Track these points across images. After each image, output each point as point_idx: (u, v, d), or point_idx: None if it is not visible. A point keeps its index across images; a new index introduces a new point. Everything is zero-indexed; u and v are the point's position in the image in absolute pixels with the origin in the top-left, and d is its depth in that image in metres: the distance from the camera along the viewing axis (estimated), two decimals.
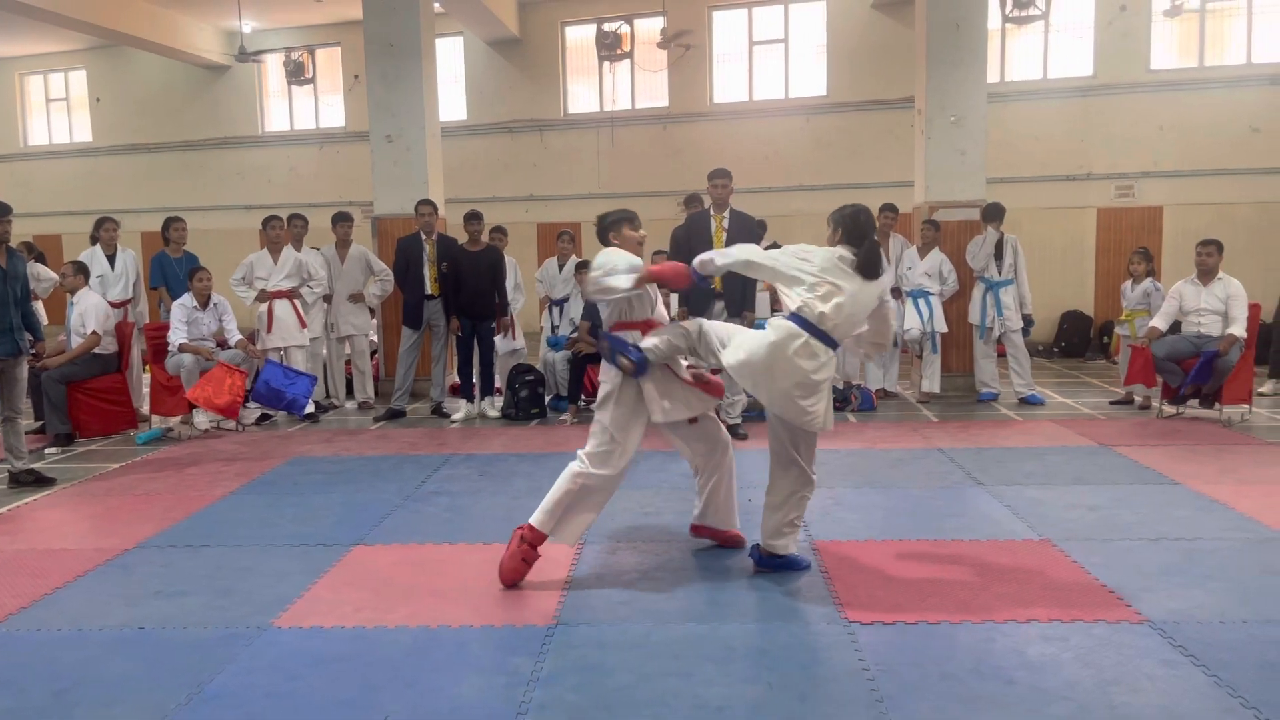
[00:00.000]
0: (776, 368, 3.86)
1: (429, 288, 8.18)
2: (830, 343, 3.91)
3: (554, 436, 7.34)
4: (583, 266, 8.58)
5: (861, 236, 4.01)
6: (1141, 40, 12.07)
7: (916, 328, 8.38)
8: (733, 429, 7.11)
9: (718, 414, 7.30)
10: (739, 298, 6.98)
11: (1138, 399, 8.03)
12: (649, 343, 4.05)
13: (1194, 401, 7.38)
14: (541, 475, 6.03)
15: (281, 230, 8.22)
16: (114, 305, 8.01)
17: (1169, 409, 7.57)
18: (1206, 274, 7.36)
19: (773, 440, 4.17)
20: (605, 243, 4.32)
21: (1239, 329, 7.08)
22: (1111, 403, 8.26)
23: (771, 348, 3.87)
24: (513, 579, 4.03)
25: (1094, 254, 12.36)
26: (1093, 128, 12.19)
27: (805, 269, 3.94)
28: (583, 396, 8.40)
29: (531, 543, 4.06)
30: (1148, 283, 8.11)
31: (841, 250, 4.00)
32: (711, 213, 7.02)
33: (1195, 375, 7.09)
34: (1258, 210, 11.43)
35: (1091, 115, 12.20)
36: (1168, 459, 6.08)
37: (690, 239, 6.99)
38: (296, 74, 14.49)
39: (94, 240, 8.38)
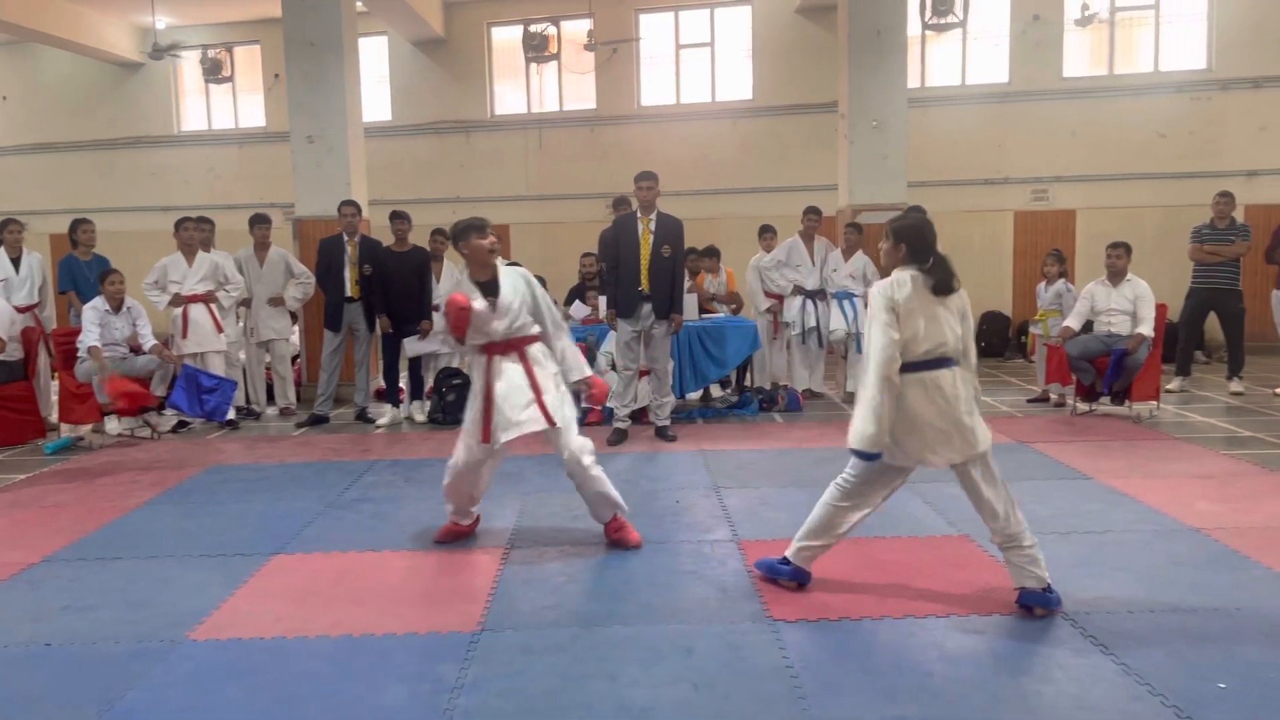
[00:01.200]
0: (921, 420, 3.65)
1: (349, 290, 8.04)
2: (947, 362, 3.68)
3: None
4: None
5: (928, 251, 3.66)
6: (1054, 48, 12.43)
7: (841, 329, 8.49)
8: (662, 430, 7.15)
9: (645, 415, 7.37)
10: (667, 299, 6.97)
11: (1053, 397, 8.27)
12: None
13: (1106, 399, 7.63)
14: None
15: (195, 233, 8.01)
16: (20, 310, 7.73)
17: (1082, 406, 7.80)
18: (1116, 275, 7.61)
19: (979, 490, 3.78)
20: (460, 252, 4.46)
21: (1147, 328, 7.33)
22: (1029, 400, 8.49)
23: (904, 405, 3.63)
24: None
25: (1012, 256, 12.69)
26: (1009, 133, 12.52)
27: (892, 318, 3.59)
28: None
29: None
30: (1060, 284, 8.36)
31: (910, 272, 3.65)
32: (639, 215, 7.01)
33: (1110, 376, 7.32)
34: (1165, 214, 11.84)
35: (1008, 121, 12.52)
36: (1080, 455, 6.27)
37: (618, 241, 7.02)
38: (214, 72, 14.11)
39: None
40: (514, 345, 4.47)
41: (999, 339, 12.32)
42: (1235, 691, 2.97)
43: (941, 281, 3.64)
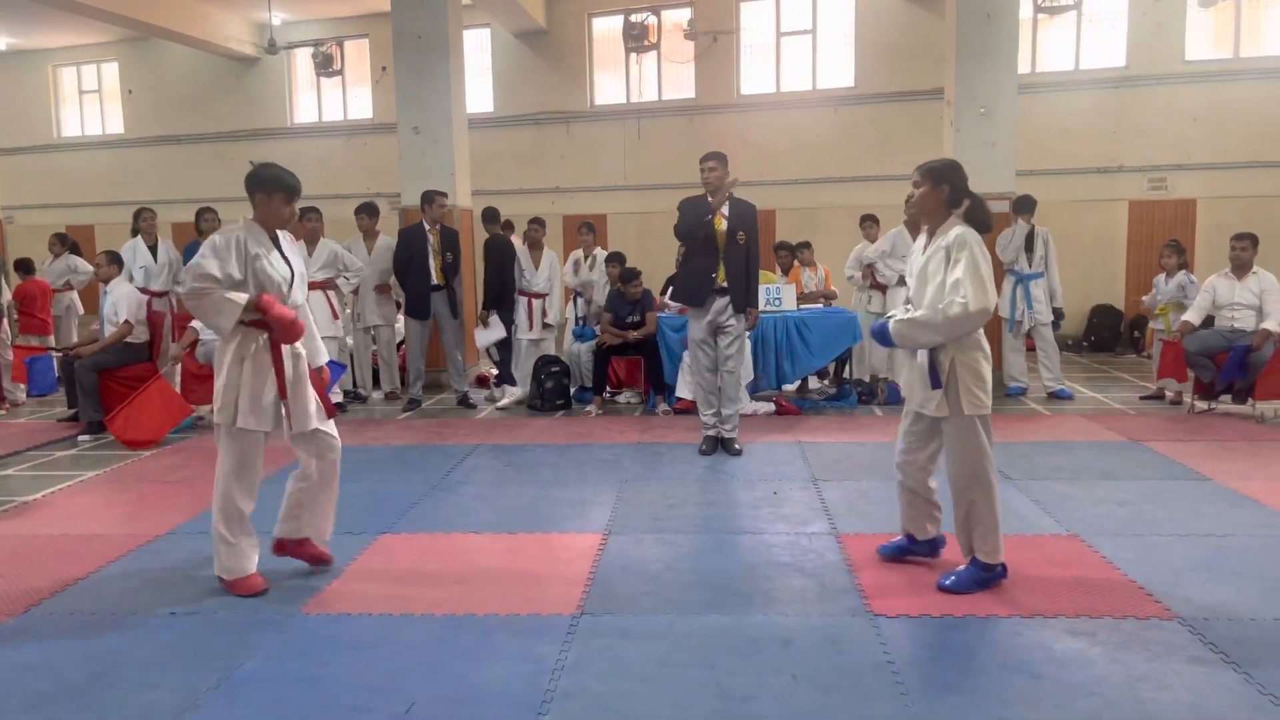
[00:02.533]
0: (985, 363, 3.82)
1: (435, 278, 8.19)
2: None
3: (578, 428, 7.36)
4: (612, 259, 8.60)
5: (967, 190, 3.79)
6: (1176, 30, 11.90)
7: None
8: (727, 444, 6.43)
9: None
10: (744, 292, 6.27)
11: (1169, 394, 7.94)
12: None
13: (1226, 397, 7.29)
14: (566, 466, 6.07)
15: (318, 222, 8.28)
16: (157, 295, 8.20)
17: (1200, 404, 7.48)
18: (1241, 268, 7.26)
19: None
20: (251, 200, 3.96)
21: (1273, 323, 6.99)
22: (1142, 398, 8.18)
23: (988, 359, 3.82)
24: None
25: (1125, 247, 12.22)
26: (1125, 119, 12.04)
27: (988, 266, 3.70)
28: (608, 388, 8.42)
29: None
30: (1181, 275, 8.01)
31: (958, 224, 3.76)
32: (710, 198, 6.28)
33: (1227, 371, 7.01)
34: None
35: (1123, 107, 12.04)
36: (1199, 454, 6.01)
37: (686, 222, 6.33)
38: (325, 66, 14.58)
39: (135, 232, 8.52)
40: None
41: (1110, 333, 11.89)
42: None
43: (984, 222, 3.74)
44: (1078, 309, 11.86)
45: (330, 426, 4.13)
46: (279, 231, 4.01)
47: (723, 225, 6.24)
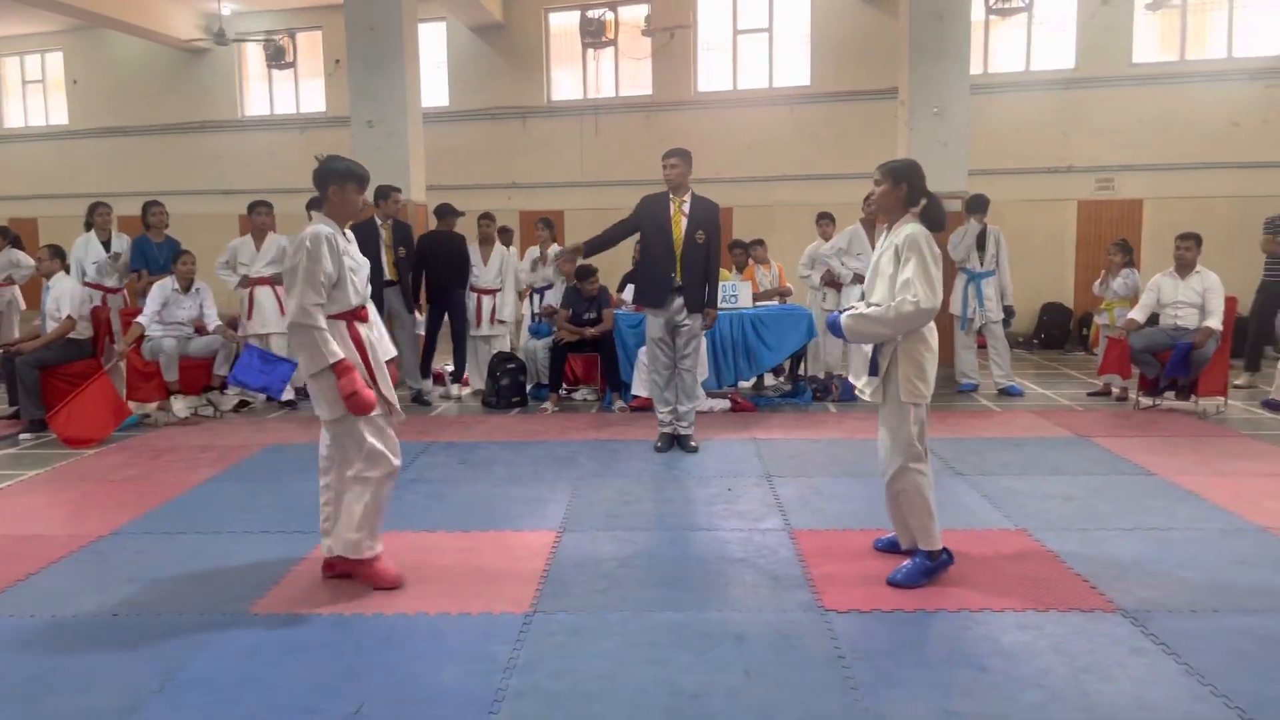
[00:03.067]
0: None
1: (387, 273, 8.08)
2: None
3: (534, 425, 7.33)
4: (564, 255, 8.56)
5: (925, 189, 3.89)
6: (1123, 33, 12.12)
7: None
8: (683, 440, 6.44)
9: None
10: (700, 291, 6.27)
11: (1115, 390, 8.09)
12: None
13: (1170, 393, 7.45)
14: (521, 463, 6.04)
15: (267, 216, 8.16)
16: (111, 291, 8.04)
17: (1146, 400, 7.63)
18: (1185, 267, 7.42)
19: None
20: (322, 194, 3.93)
21: (1215, 321, 7.14)
22: (1089, 394, 8.33)
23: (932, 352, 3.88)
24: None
25: (1074, 246, 12.43)
26: (1074, 120, 12.24)
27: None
28: (564, 385, 8.40)
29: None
30: (1125, 272, 8.16)
31: (911, 222, 3.86)
32: (670, 196, 6.30)
33: (1171, 368, 7.15)
34: (1236, 205, 11.51)
35: (1073, 108, 12.24)
36: (1144, 450, 6.13)
37: (642, 222, 6.35)
38: (277, 58, 14.37)
39: (88, 226, 8.32)
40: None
41: (1060, 331, 12.09)
42: None
43: (939, 221, 3.87)
44: (1028, 307, 12.04)
45: None
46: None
47: (683, 224, 6.22)
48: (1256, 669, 3.07)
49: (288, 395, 8.09)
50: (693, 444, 6.40)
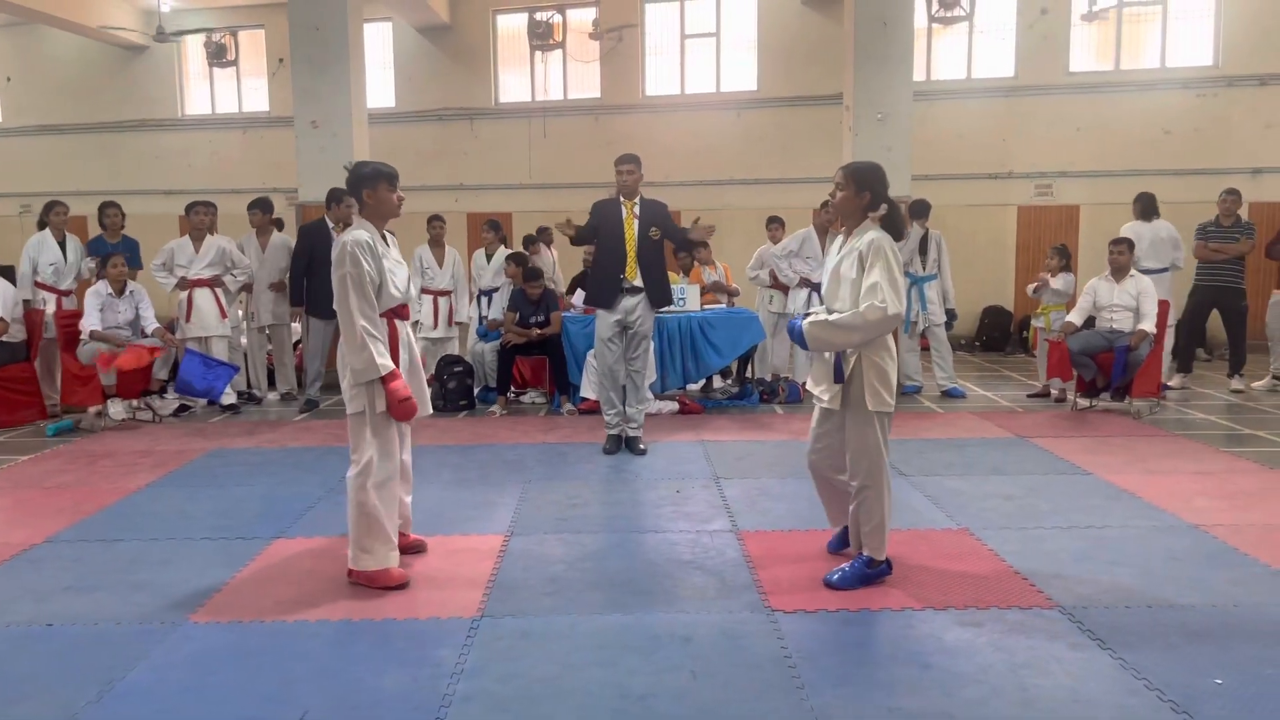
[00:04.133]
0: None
1: None
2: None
3: (482, 429, 7.29)
4: (513, 258, 8.54)
5: (886, 195, 3.87)
6: (1061, 43, 12.39)
7: None
8: (632, 442, 6.48)
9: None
10: (659, 288, 6.43)
11: (1054, 392, 8.27)
12: None
13: (1106, 395, 7.64)
14: (469, 467, 6.01)
15: (205, 216, 8.01)
16: (65, 294, 7.82)
17: (1083, 402, 7.81)
18: (1119, 271, 7.61)
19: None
20: (359, 199, 3.98)
21: (1149, 324, 7.33)
22: (1029, 395, 8.50)
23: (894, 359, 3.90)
24: None
25: (1014, 250, 12.68)
26: (1014, 127, 12.49)
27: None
28: (512, 388, 8.36)
29: None
30: (1062, 276, 8.35)
31: (873, 228, 3.84)
32: (621, 200, 6.49)
33: (1116, 373, 7.32)
34: (1169, 211, 11.68)
35: (1013, 115, 12.49)
36: (1080, 450, 6.28)
37: (599, 227, 6.46)
38: (218, 56, 14.10)
39: (42, 225, 8.08)
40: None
41: (1001, 333, 12.32)
42: (1232, 688, 2.98)
43: (899, 228, 3.87)
44: (970, 310, 12.24)
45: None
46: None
47: (635, 226, 6.33)
48: (1187, 663, 3.16)
49: (229, 399, 7.96)
50: (641, 446, 6.43)
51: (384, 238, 4.02)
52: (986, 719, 2.83)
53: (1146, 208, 8.90)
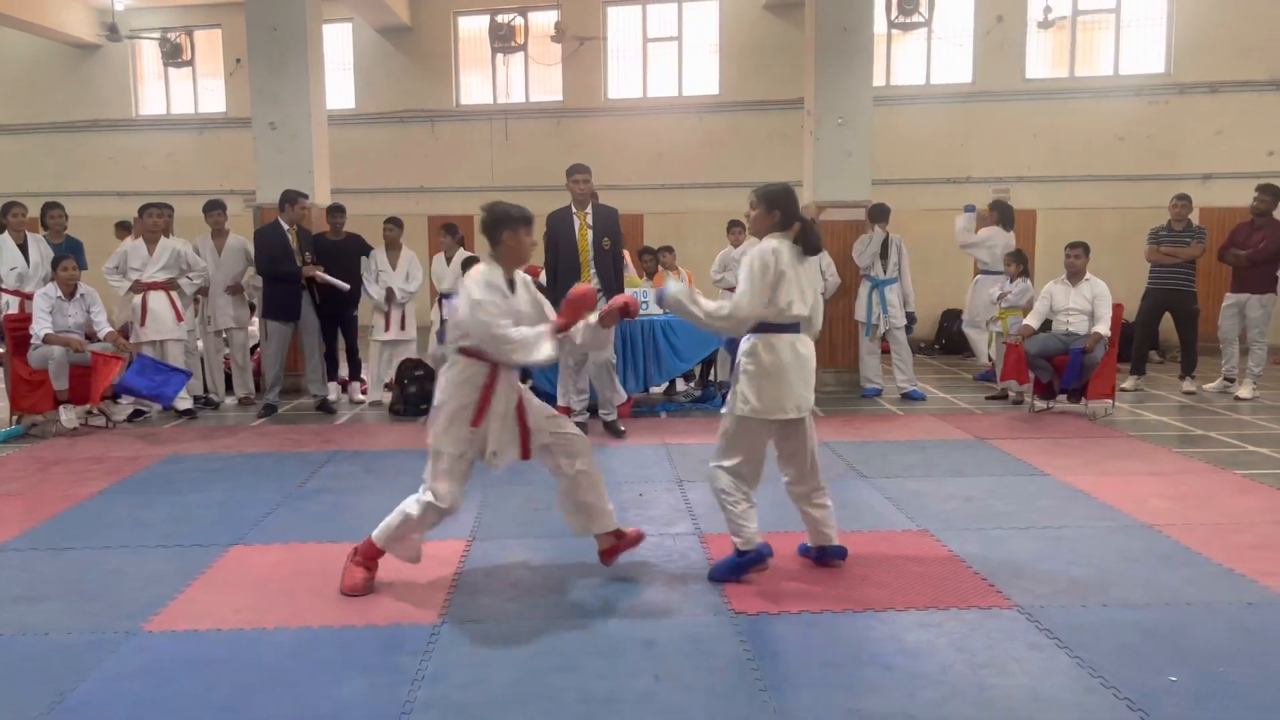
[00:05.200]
0: (788, 377, 3.93)
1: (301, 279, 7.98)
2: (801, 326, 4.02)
3: None
4: (470, 262, 8.49)
5: (798, 214, 3.99)
6: (1017, 50, 12.58)
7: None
8: (611, 425, 7.09)
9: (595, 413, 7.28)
10: (614, 292, 6.69)
11: (1011, 394, 8.38)
12: None
13: (1063, 396, 7.75)
14: None
15: (158, 219, 7.88)
16: (28, 297, 7.55)
17: (1040, 404, 7.91)
18: (1075, 275, 7.72)
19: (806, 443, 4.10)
20: (494, 240, 3.90)
21: (1104, 327, 7.45)
22: (988, 398, 8.60)
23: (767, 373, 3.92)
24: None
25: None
26: (972, 133, 12.65)
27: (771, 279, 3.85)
28: None
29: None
30: (1020, 281, 8.47)
31: (784, 240, 3.92)
32: (574, 210, 6.82)
33: (1069, 375, 7.43)
34: (1122, 216, 12.04)
35: (971, 120, 12.65)
36: (1037, 451, 6.36)
37: (556, 239, 6.83)
38: (174, 56, 13.92)
39: (0, 228, 7.84)
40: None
41: (960, 336, 12.43)
42: (1185, 685, 3.03)
43: (812, 243, 3.96)
44: (929, 313, 12.38)
45: (566, 428, 4.12)
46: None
47: (589, 235, 6.61)
48: (1143, 661, 3.21)
49: (185, 404, 7.83)
50: (621, 428, 6.89)
51: (510, 283, 3.88)
52: (947, 719, 2.85)
53: (1004, 216, 9.10)
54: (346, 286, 8.09)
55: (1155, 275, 8.89)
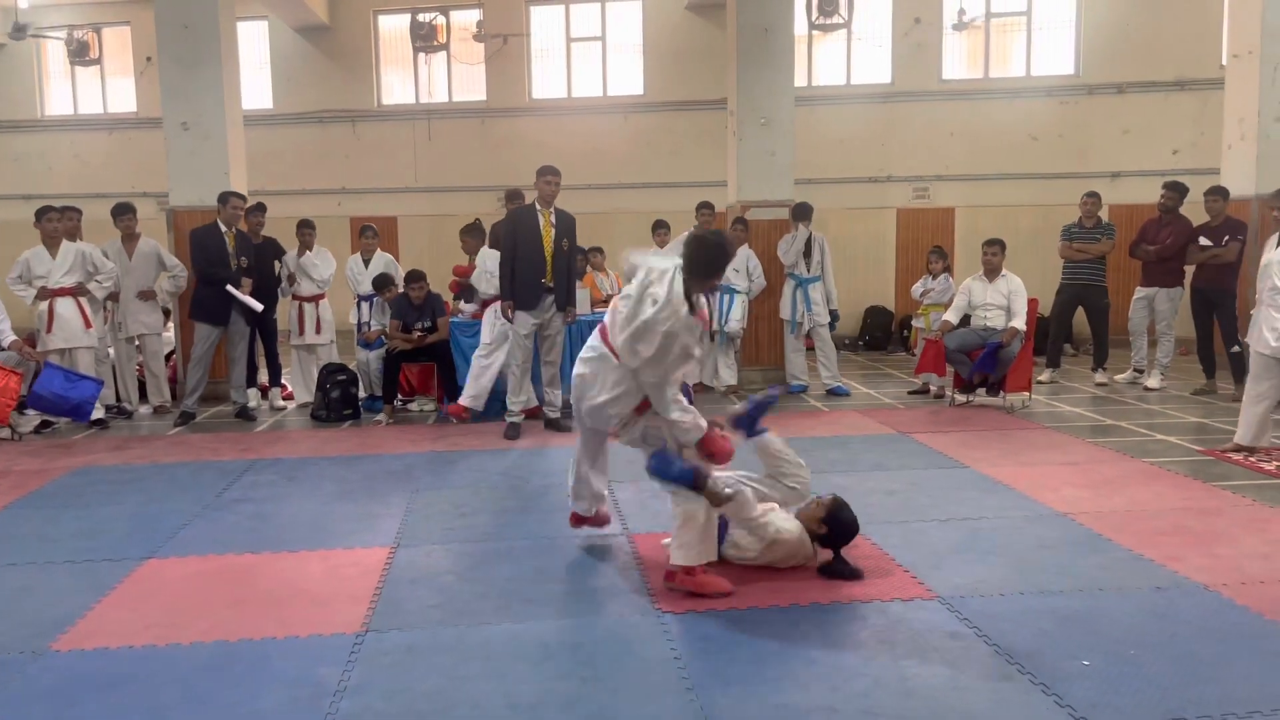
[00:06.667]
0: None
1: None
2: None
3: (367, 438, 7.12)
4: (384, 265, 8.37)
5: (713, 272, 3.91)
6: (934, 51, 12.84)
7: (738, 322, 8.62)
8: (554, 422, 7.19)
9: (537, 411, 7.33)
10: (565, 292, 7.10)
11: (933, 388, 8.55)
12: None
13: (982, 390, 7.93)
14: (353, 478, 5.85)
15: (58, 223, 7.60)
16: None
17: (960, 397, 8.09)
18: (992, 271, 7.91)
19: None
20: (693, 267, 3.79)
21: (1019, 322, 7.64)
22: (910, 392, 8.76)
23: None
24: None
25: (894, 251, 13.06)
26: (892, 132, 12.87)
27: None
28: (399, 396, 8.19)
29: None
30: (942, 277, 8.66)
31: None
32: (539, 208, 6.98)
33: (980, 364, 7.62)
34: (1037, 213, 12.36)
35: (891, 121, 12.87)
36: (957, 444, 6.50)
37: (516, 234, 6.94)
38: (80, 54, 13.42)
39: None
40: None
41: (882, 333, 12.68)
42: (1098, 669, 3.12)
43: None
44: (852, 310, 12.56)
45: None
46: None
47: (552, 234, 6.91)
48: (1057, 646, 3.30)
49: (98, 413, 7.57)
50: (565, 424, 6.94)
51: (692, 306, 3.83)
52: (870, 710, 2.89)
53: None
54: (260, 308, 7.88)
55: (1068, 271, 9.15)
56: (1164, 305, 8.78)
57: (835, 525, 4.02)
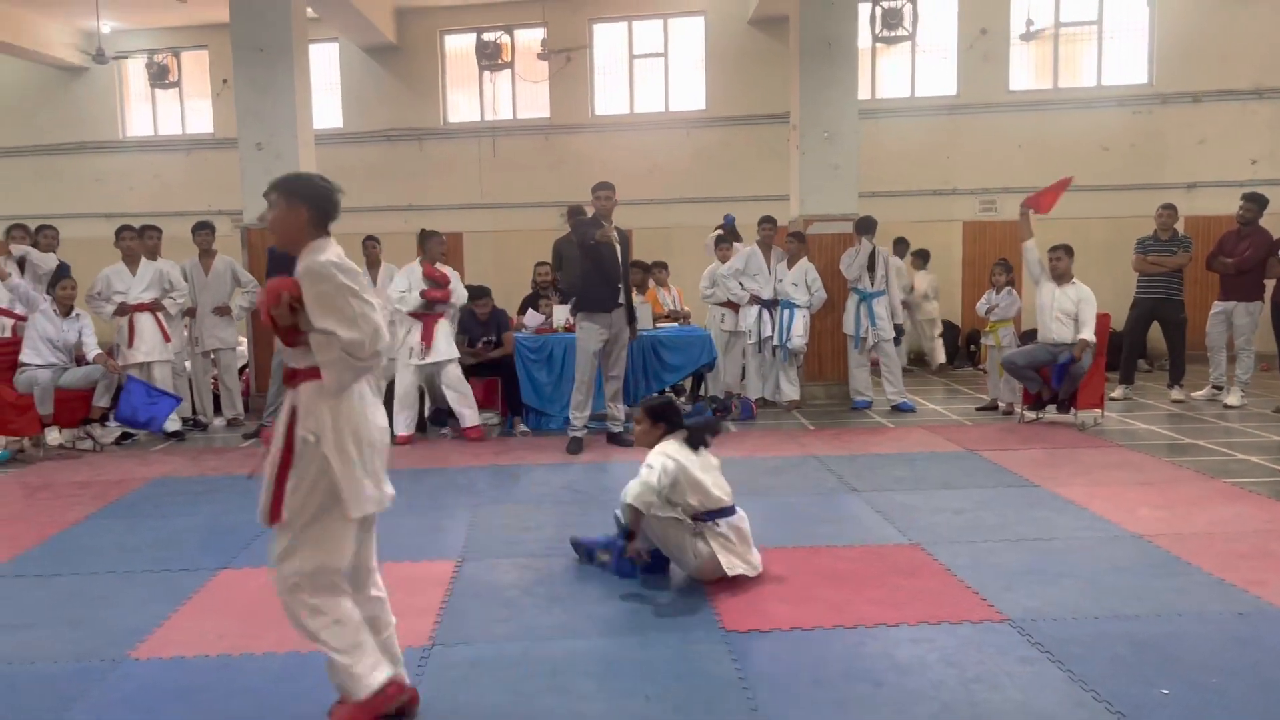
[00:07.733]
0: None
1: None
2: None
3: (432, 452, 7.22)
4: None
5: (680, 424, 4.22)
6: (1000, 62, 12.64)
7: (800, 337, 8.58)
8: (617, 436, 7.25)
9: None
10: (630, 307, 7.28)
11: (1001, 405, 8.39)
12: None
13: (1052, 407, 7.76)
14: (419, 491, 5.93)
15: (136, 241, 7.86)
16: (21, 319, 7.43)
17: (1029, 414, 7.93)
18: (1060, 277, 7.75)
19: None
20: None
21: (1088, 332, 7.47)
22: (978, 409, 8.61)
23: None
24: None
25: (960, 265, 12.87)
26: (957, 145, 12.70)
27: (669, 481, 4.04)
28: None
29: None
30: (1007, 291, 8.49)
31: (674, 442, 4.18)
32: (604, 223, 7.02)
33: (1056, 379, 7.46)
34: (1109, 226, 12.09)
35: (956, 133, 12.70)
36: (1027, 462, 6.37)
37: (586, 243, 6.95)
38: (160, 77, 13.88)
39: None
40: None
41: (949, 347, 12.47)
42: (1178, 697, 3.03)
43: (698, 440, 4.22)
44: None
45: None
46: None
47: (617, 249, 6.98)
48: (1134, 673, 3.21)
49: (174, 425, 7.79)
50: (628, 438, 6.84)
51: None
52: None
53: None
54: None
55: (1143, 284, 8.93)
56: (1243, 320, 8.51)
57: (657, 415, 4.24)
